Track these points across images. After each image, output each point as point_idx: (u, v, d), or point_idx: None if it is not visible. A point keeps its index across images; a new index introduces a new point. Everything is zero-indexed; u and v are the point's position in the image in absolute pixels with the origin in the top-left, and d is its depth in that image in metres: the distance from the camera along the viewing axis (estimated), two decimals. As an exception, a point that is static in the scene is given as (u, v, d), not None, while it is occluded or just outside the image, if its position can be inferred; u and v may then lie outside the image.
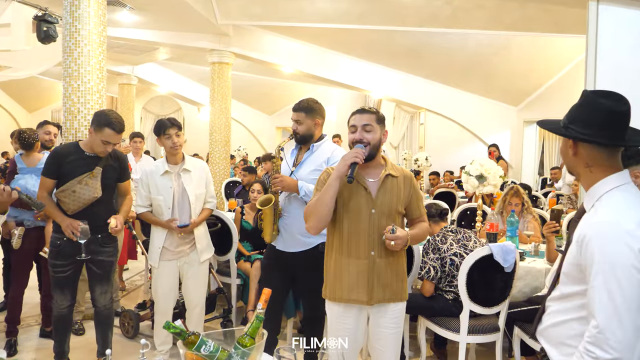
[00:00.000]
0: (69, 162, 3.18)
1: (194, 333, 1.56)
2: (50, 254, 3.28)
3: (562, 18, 6.79)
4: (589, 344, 1.41)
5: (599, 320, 1.39)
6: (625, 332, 1.36)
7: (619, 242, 1.39)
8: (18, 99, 16.70)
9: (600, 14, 3.03)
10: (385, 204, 2.40)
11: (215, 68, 8.82)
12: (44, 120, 4.30)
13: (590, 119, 1.52)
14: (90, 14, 4.44)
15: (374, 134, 2.37)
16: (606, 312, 1.38)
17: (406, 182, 2.46)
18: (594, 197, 1.53)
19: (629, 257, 1.37)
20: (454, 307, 3.43)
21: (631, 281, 1.37)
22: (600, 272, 1.40)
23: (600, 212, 1.49)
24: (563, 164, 7.72)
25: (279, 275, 3.22)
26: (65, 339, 3.36)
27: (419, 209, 2.52)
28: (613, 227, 1.42)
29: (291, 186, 3.05)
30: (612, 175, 1.52)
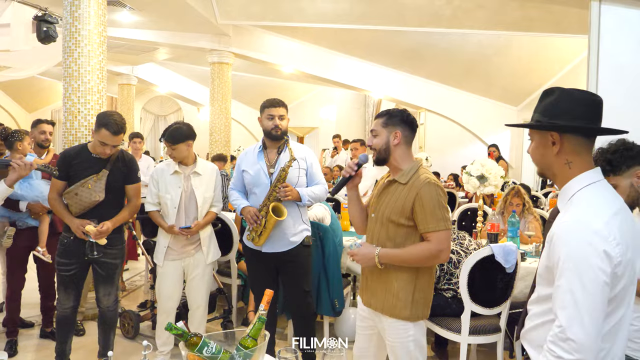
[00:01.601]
0: (76, 163, 3.18)
1: (196, 334, 1.56)
2: (57, 251, 3.29)
3: (562, 18, 6.79)
4: (551, 343, 1.39)
5: (562, 321, 1.36)
6: (587, 333, 1.33)
7: (584, 242, 1.36)
8: (17, 98, 16.68)
9: (602, 14, 3.03)
10: (381, 209, 2.34)
11: (215, 68, 8.82)
12: (37, 120, 4.24)
13: (575, 110, 1.47)
14: (91, 14, 4.44)
15: (379, 139, 2.36)
16: (569, 312, 1.36)
17: (412, 190, 2.24)
18: (567, 196, 1.50)
19: (594, 258, 1.34)
20: (453, 305, 3.43)
21: (595, 282, 1.34)
22: (565, 272, 1.37)
23: (570, 211, 1.46)
24: None
25: (268, 276, 3.26)
26: (67, 340, 3.35)
27: (423, 223, 2.22)
28: (580, 226, 1.39)
29: (295, 195, 3.13)
30: (586, 172, 1.48)
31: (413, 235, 2.28)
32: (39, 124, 4.17)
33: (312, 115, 15.99)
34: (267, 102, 3.28)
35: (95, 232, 3.12)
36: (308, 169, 3.28)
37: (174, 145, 3.39)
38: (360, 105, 15.70)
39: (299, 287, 3.28)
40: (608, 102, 3.09)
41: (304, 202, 3.20)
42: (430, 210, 2.20)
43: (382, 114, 2.40)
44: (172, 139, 3.39)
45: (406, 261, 2.26)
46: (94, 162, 3.19)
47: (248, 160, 3.32)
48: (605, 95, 3.10)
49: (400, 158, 2.33)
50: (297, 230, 3.25)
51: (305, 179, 3.26)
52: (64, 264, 3.24)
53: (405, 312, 2.29)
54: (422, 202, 2.21)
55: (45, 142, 4.11)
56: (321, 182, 3.31)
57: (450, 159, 11.59)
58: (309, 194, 3.20)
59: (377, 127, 2.37)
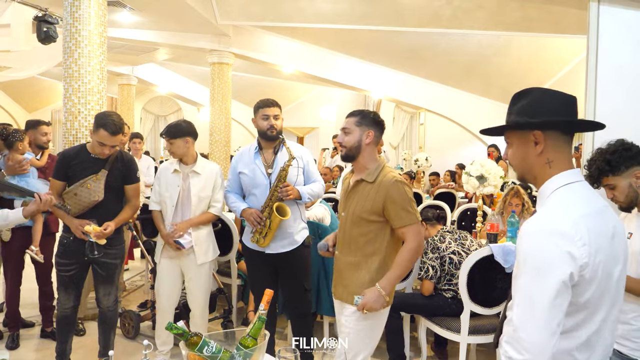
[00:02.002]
0: (75, 164, 3.18)
1: (196, 334, 1.57)
2: (57, 251, 3.30)
3: (562, 18, 6.80)
4: (505, 343, 1.36)
5: (516, 319, 1.34)
6: (539, 334, 1.30)
7: (547, 242, 1.32)
8: (17, 99, 16.69)
9: (601, 15, 3.03)
10: (351, 208, 2.45)
11: (215, 68, 8.82)
12: (35, 121, 4.24)
13: (554, 107, 1.45)
14: (91, 14, 4.45)
15: (351, 137, 2.44)
16: (523, 312, 1.33)
17: (381, 189, 2.36)
18: (545, 196, 1.45)
19: (555, 259, 1.30)
20: (453, 305, 3.44)
21: (553, 283, 1.29)
22: (525, 271, 1.34)
23: (540, 211, 1.42)
24: None
25: (268, 277, 3.26)
26: (67, 339, 3.36)
27: (398, 218, 2.35)
28: (545, 227, 1.35)
29: (296, 194, 3.15)
30: (565, 172, 1.44)
31: (384, 229, 2.42)
32: (39, 126, 4.17)
33: (312, 116, 16.00)
34: (260, 102, 3.29)
35: (98, 233, 3.13)
36: (305, 167, 3.29)
37: (172, 140, 3.41)
38: (360, 105, 15.69)
39: (299, 285, 3.29)
40: (607, 103, 3.12)
41: (304, 200, 3.23)
42: (402, 206, 2.35)
43: (355, 114, 2.50)
44: (169, 134, 3.42)
45: (401, 275, 2.40)
46: (93, 163, 3.19)
47: (244, 161, 3.31)
48: (604, 96, 3.14)
49: (368, 157, 2.46)
50: (299, 229, 3.28)
51: (303, 178, 3.28)
52: (64, 264, 3.24)
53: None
54: (393, 199, 2.35)
55: (46, 143, 4.13)
56: (318, 179, 3.33)
57: (449, 159, 11.58)
58: (309, 192, 3.23)
59: (350, 126, 2.46)
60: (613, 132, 2.39)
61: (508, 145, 1.57)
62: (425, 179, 10.44)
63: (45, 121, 4.25)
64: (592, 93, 3.09)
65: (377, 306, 2.31)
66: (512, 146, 1.54)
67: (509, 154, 1.56)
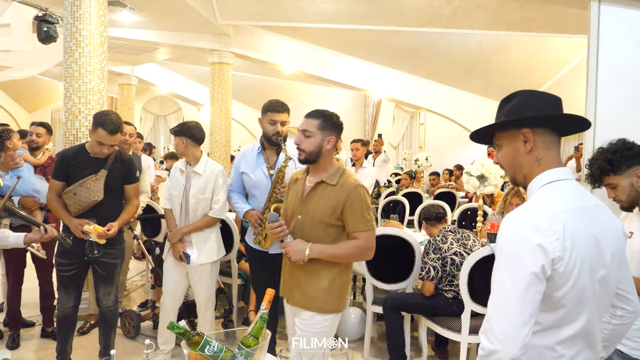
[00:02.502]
0: (75, 164, 3.18)
1: (198, 333, 1.57)
2: (57, 251, 3.30)
3: (562, 18, 6.80)
4: (480, 333, 1.38)
5: (489, 309, 1.36)
6: (510, 324, 1.31)
7: (519, 234, 1.35)
8: (17, 98, 16.69)
9: (602, 15, 3.03)
10: (311, 211, 2.33)
11: (215, 68, 8.82)
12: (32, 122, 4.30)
13: (541, 106, 1.48)
14: (91, 14, 4.45)
15: (312, 140, 2.31)
16: (496, 300, 1.36)
17: (342, 192, 2.29)
18: (531, 193, 1.48)
19: (526, 251, 1.33)
20: (454, 305, 3.44)
21: (522, 274, 1.32)
22: (499, 262, 1.38)
23: (522, 205, 1.44)
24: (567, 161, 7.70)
25: (270, 277, 3.25)
26: (67, 339, 3.36)
27: (353, 223, 2.29)
28: (519, 220, 1.38)
29: None
30: (552, 169, 1.46)
31: (343, 235, 2.34)
32: (30, 127, 4.21)
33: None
34: (270, 105, 3.21)
35: (101, 233, 3.13)
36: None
37: (175, 137, 3.48)
38: (360, 105, 15.72)
39: None
40: (608, 102, 3.12)
41: None
42: (360, 212, 2.28)
43: (317, 115, 2.35)
44: (173, 131, 3.50)
45: (336, 256, 2.32)
46: (92, 162, 3.19)
47: (247, 161, 3.31)
48: (605, 96, 3.14)
49: (328, 161, 2.37)
50: None
51: None
52: (64, 264, 3.25)
53: (331, 305, 2.37)
54: (353, 203, 2.28)
55: (31, 143, 4.13)
56: None
57: (449, 159, 11.59)
58: None
59: (311, 128, 2.32)
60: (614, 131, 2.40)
61: (498, 149, 1.59)
62: (425, 178, 10.45)
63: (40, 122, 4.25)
64: (593, 93, 3.09)
65: (293, 256, 2.27)
66: (502, 148, 1.56)
67: (499, 156, 1.58)
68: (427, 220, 3.79)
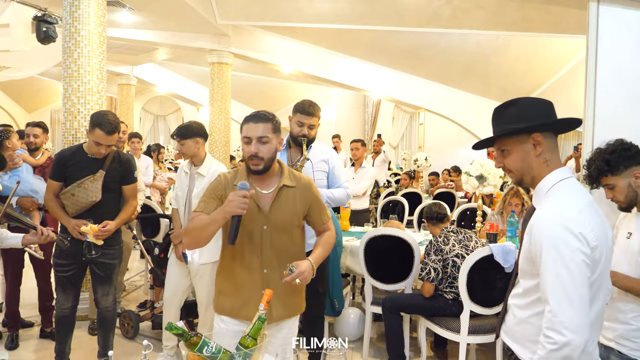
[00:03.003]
0: (72, 164, 3.18)
1: (196, 334, 1.57)
2: (54, 252, 3.30)
3: (561, 18, 6.80)
4: (546, 329, 1.44)
5: (552, 304, 1.43)
6: (576, 311, 1.40)
7: (561, 227, 1.45)
8: (17, 99, 16.69)
9: (601, 15, 3.03)
10: (280, 219, 2.16)
11: (214, 68, 8.82)
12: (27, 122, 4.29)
13: (544, 111, 1.61)
14: (90, 14, 4.44)
15: (270, 146, 2.11)
16: (557, 294, 1.43)
17: (304, 191, 2.21)
18: (543, 191, 1.59)
19: (572, 240, 1.43)
20: (454, 307, 3.43)
21: (576, 262, 1.42)
22: (549, 258, 1.45)
23: (547, 203, 1.55)
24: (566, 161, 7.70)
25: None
26: (66, 339, 3.36)
27: (320, 217, 2.26)
28: (556, 214, 1.49)
29: None
30: (558, 169, 1.60)
31: (302, 234, 2.30)
32: (26, 128, 4.20)
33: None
34: (301, 107, 3.15)
35: (97, 232, 3.12)
36: (330, 171, 3.24)
37: (182, 140, 3.45)
38: (360, 105, 15.71)
39: (313, 288, 3.26)
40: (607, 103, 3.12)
41: None
42: (321, 203, 2.31)
43: (268, 119, 2.13)
44: (180, 135, 3.46)
45: (325, 256, 2.28)
46: (90, 163, 3.19)
47: None
48: (604, 96, 3.14)
49: (277, 162, 2.22)
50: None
51: (326, 182, 3.23)
52: (62, 265, 3.24)
53: (303, 304, 2.38)
54: (317, 199, 2.27)
55: (30, 144, 4.12)
56: (343, 185, 3.26)
57: (449, 159, 11.59)
58: (328, 195, 3.15)
59: (268, 133, 2.10)
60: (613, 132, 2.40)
61: (502, 153, 1.67)
62: (425, 178, 10.45)
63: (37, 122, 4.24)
64: (592, 93, 3.09)
65: (309, 277, 2.10)
66: (509, 153, 1.65)
67: (507, 161, 1.66)
68: (428, 220, 3.78)
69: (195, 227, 2.05)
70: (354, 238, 4.33)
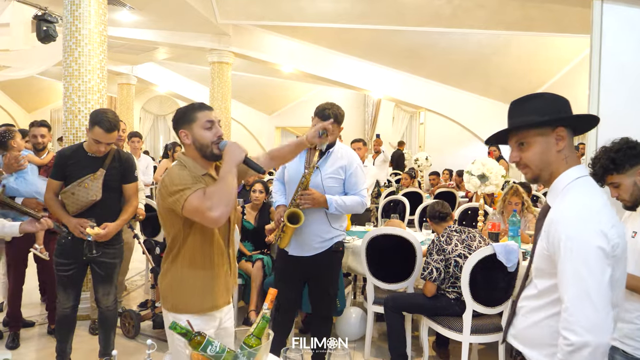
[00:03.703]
0: (73, 163, 3.16)
1: (200, 333, 1.55)
2: (55, 251, 3.28)
3: (562, 17, 6.79)
4: (562, 329, 1.38)
5: (568, 303, 1.37)
6: (597, 311, 1.34)
7: (583, 223, 1.41)
8: (16, 98, 16.68)
9: (605, 13, 3.02)
10: None
11: (214, 68, 8.81)
12: (31, 122, 4.26)
13: (566, 107, 1.58)
14: (91, 13, 4.43)
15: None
16: (576, 292, 1.37)
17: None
18: (560, 188, 1.55)
19: (594, 237, 1.38)
20: (456, 306, 3.42)
21: (597, 260, 1.36)
22: (567, 255, 1.40)
23: (566, 199, 1.51)
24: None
25: (293, 280, 3.22)
26: (67, 339, 3.35)
27: None
28: (578, 210, 1.44)
29: (320, 202, 3.01)
30: (575, 166, 1.56)
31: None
32: (31, 128, 4.18)
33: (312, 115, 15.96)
34: (319, 110, 3.07)
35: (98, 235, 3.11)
36: (346, 177, 3.12)
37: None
38: (360, 104, 15.69)
39: (324, 290, 3.24)
40: (611, 101, 3.12)
41: (331, 211, 3.04)
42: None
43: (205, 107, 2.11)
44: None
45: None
46: (90, 162, 3.17)
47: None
48: (608, 95, 3.13)
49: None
50: (325, 238, 3.13)
51: (341, 189, 3.13)
52: (63, 264, 3.23)
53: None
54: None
55: (38, 145, 4.10)
56: (359, 193, 3.13)
57: (449, 159, 11.59)
58: (339, 203, 3.04)
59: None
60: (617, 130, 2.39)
61: (522, 147, 1.61)
62: (425, 178, 10.44)
63: (42, 122, 4.22)
64: (596, 91, 3.08)
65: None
66: (529, 146, 1.59)
67: (524, 155, 1.60)
68: (431, 219, 3.76)
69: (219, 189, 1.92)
70: (356, 237, 4.32)
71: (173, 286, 2.08)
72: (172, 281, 2.08)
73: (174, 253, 2.08)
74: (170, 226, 2.06)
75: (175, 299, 2.07)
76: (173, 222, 2.03)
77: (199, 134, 2.04)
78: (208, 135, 2.05)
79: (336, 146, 3.16)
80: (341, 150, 3.16)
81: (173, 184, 1.96)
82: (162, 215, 2.07)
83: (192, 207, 1.92)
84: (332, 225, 3.14)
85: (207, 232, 2.06)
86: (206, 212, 1.89)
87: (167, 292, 2.09)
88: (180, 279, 2.07)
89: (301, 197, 3.01)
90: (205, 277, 2.09)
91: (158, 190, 2.06)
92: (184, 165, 2.05)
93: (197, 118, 2.05)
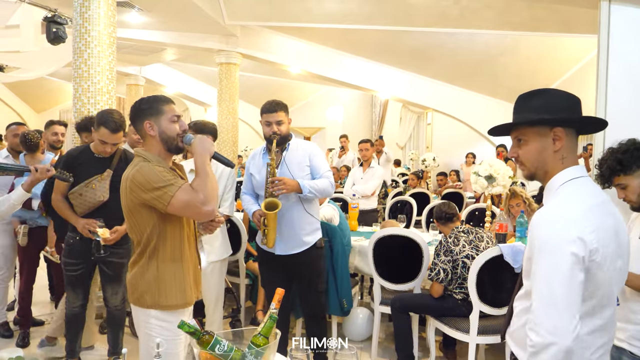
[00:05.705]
0: (80, 164, 3.19)
1: (208, 332, 1.57)
2: (64, 252, 3.31)
3: (570, 18, 6.76)
4: (528, 330, 1.39)
5: (536, 304, 1.38)
6: (560, 315, 1.34)
7: (558, 228, 1.40)
8: (26, 99, 16.80)
9: (612, 13, 3.01)
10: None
11: (222, 68, 8.85)
12: (49, 120, 4.32)
13: (571, 106, 1.54)
14: (100, 15, 4.47)
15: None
16: (543, 294, 1.38)
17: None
18: (552, 190, 1.54)
19: (567, 244, 1.37)
20: (463, 307, 3.42)
21: (568, 266, 1.36)
22: (541, 257, 1.40)
23: (550, 202, 1.51)
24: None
25: (280, 277, 3.23)
26: (76, 338, 3.39)
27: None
28: (555, 215, 1.44)
29: (294, 187, 3.04)
30: (571, 167, 1.53)
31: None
32: (51, 125, 4.22)
33: (319, 116, 15.99)
34: (263, 107, 3.16)
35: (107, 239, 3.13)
36: (310, 163, 3.20)
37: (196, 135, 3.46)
38: (367, 105, 15.69)
39: (312, 288, 3.28)
40: (618, 102, 3.11)
41: (305, 194, 3.07)
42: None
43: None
44: (197, 130, 3.44)
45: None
46: (97, 163, 3.21)
47: (255, 163, 3.29)
48: (615, 95, 3.12)
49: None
50: (309, 230, 3.20)
51: (310, 177, 3.20)
52: (71, 264, 3.26)
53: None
54: None
55: (57, 142, 4.16)
56: (325, 175, 3.19)
57: (457, 159, 11.55)
58: (311, 185, 3.09)
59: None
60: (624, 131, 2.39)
61: (520, 143, 1.61)
62: (433, 179, 10.42)
63: (61, 121, 4.30)
64: (603, 92, 3.08)
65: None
66: (526, 143, 1.59)
67: (521, 151, 1.60)
68: (437, 220, 3.76)
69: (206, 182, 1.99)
70: (363, 238, 4.33)
71: (157, 282, 2.08)
72: (154, 277, 2.08)
73: (151, 249, 2.08)
74: (143, 222, 2.06)
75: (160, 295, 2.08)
76: (146, 218, 2.05)
77: (166, 126, 2.08)
78: (175, 128, 2.09)
79: (293, 140, 3.23)
80: (297, 142, 3.24)
81: (151, 180, 1.98)
82: (132, 211, 2.07)
83: (182, 202, 1.95)
84: (308, 212, 3.18)
85: (179, 226, 2.10)
86: (200, 206, 1.94)
87: (146, 289, 2.08)
88: (162, 274, 2.08)
89: (273, 185, 3.01)
90: (185, 270, 2.13)
91: (126, 186, 2.06)
92: (147, 160, 2.06)
93: (164, 111, 2.10)
